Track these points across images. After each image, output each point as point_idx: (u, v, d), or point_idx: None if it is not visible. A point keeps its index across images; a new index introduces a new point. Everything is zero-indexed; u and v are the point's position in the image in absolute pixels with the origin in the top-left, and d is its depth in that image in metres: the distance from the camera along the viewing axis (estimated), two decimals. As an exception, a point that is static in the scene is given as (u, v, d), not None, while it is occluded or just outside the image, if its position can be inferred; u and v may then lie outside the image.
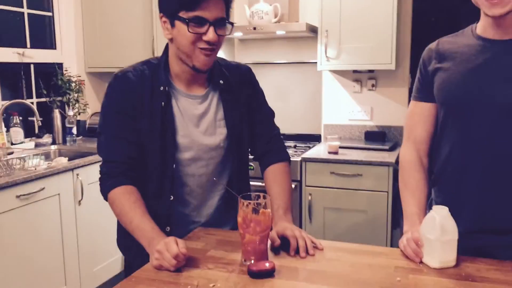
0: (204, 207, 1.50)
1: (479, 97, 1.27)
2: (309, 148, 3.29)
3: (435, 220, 1.14)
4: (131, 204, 1.33)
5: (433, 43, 1.44)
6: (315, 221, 2.98)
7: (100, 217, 2.91)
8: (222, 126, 1.47)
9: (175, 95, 1.42)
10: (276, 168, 1.54)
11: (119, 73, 1.41)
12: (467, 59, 1.31)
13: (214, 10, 1.29)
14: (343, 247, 1.32)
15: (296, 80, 3.58)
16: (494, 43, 1.28)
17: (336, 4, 3.02)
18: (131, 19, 3.51)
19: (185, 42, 1.31)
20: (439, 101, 1.38)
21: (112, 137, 1.39)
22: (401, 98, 3.33)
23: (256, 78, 1.59)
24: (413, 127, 1.47)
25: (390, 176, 2.81)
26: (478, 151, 1.29)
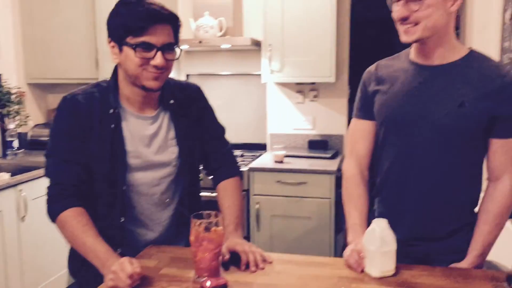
0: (156, 225, 1.52)
1: (414, 118, 1.38)
2: (255, 157, 3.37)
3: (375, 232, 1.25)
4: (82, 227, 1.33)
5: (372, 66, 1.54)
6: (263, 229, 3.07)
7: (45, 233, 2.84)
8: (173, 145, 1.50)
9: (126, 116, 1.43)
10: (227, 184, 1.60)
11: (68, 96, 1.41)
12: (402, 83, 1.42)
13: (161, 35, 1.32)
14: (291, 259, 1.40)
15: (242, 91, 3.66)
16: (423, 68, 1.40)
17: (279, 20, 3.13)
18: (74, 30, 3.44)
19: (132, 67, 1.33)
20: (378, 121, 1.49)
21: (61, 160, 1.39)
22: (341, 108, 3.50)
23: (205, 96, 1.63)
24: (355, 143, 1.57)
25: (332, 184, 2.94)
26: (414, 166, 1.41)
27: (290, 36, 3.14)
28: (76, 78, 3.48)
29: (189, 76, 3.71)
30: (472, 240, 1.39)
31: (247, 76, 3.62)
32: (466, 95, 1.32)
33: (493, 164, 1.38)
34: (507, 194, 1.36)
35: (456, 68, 1.36)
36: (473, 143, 1.37)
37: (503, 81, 1.31)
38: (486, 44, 2.77)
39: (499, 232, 1.39)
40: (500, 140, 1.35)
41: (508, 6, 2.45)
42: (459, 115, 1.32)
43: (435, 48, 1.36)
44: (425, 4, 1.27)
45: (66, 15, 3.45)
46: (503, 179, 1.37)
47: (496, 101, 1.31)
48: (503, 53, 2.52)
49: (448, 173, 1.38)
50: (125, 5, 1.33)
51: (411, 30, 1.31)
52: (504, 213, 1.37)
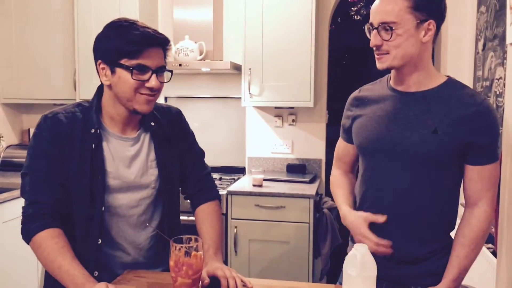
0: (133, 248, 1.49)
1: (389, 143, 1.41)
2: (234, 180, 3.36)
3: (356, 257, 1.25)
4: (59, 249, 1.29)
5: (356, 91, 1.60)
6: (241, 253, 3.04)
7: (16, 257, 2.75)
8: (153, 167, 1.49)
9: (107, 137, 1.43)
10: (206, 208, 1.59)
11: (49, 115, 1.40)
12: (380, 108, 1.46)
13: (156, 58, 1.35)
14: (271, 285, 1.39)
15: (221, 114, 3.67)
16: (401, 94, 1.44)
17: (258, 45, 3.17)
18: (51, 49, 3.42)
19: (126, 89, 1.34)
20: (355, 144, 1.53)
21: (39, 178, 1.36)
22: (319, 133, 3.53)
23: (186, 120, 1.64)
24: (338, 158, 1.70)
25: (311, 208, 2.94)
26: (389, 190, 1.43)
27: (269, 61, 3.18)
28: (53, 98, 3.44)
29: (167, 98, 3.70)
30: (448, 264, 1.40)
31: (226, 100, 3.64)
32: (440, 122, 1.35)
33: (469, 190, 1.40)
34: (483, 220, 1.38)
35: (433, 95, 1.39)
36: (448, 168, 1.39)
37: (477, 110, 1.34)
38: (460, 73, 2.85)
39: (475, 257, 1.40)
40: (475, 167, 1.38)
41: (480, 37, 2.54)
42: (433, 142, 1.35)
43: (411, 76, 1.40)
44: (395, 34, 1.32)
45: (44, 35, 3.42)
46: (479, 205, 1.39)
47: (469, 129, 1.34)
48: (476, 82, 2.60)
49: (423, 198, 1.40)
50: (119, 28, 1.35)
51: (384, 57, 1.37)
52: (480, 238, 1.39)
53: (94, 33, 3.56)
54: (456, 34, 2.97)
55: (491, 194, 1.39)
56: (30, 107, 3.78)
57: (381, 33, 1.34)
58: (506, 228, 1.49)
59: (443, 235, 1.45)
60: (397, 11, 1.31)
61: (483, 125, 1.34)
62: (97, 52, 1.39)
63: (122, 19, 1.39)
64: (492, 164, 1.37)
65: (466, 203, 1.43)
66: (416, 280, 1.42)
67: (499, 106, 2.14)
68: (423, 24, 1.33)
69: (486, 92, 2.38)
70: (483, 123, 1.34)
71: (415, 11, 1.31)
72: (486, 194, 1.38)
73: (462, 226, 1.41)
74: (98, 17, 3.24)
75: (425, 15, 1.32)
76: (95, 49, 1.39)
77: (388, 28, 1.32)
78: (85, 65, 3.29)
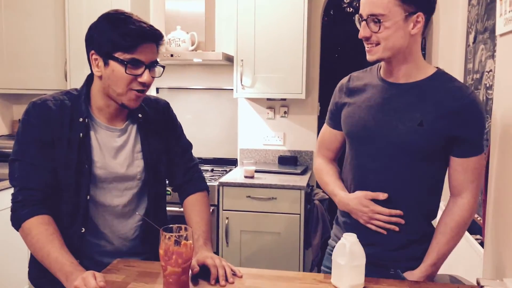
0: (117, 238, 1.50)
1: (375, 132, 1.43)
2: (226, 172, 3.37)
3: (345, 246, 1.26)
4: (48, 236, 1.30)
5: (346, 78, 1.60)
6: (232, 244, 3.05)
7: (5, 247, 2.74)
8: (139, 158, 1.50)
9: (94, 127, 1.43)
10: (194, 198, 1.60)
11: (38, 101, 1.40)
12: (369, 97, 1.47)
13: (150, 53, 1.36)
14: (261, 274, 1.40)
15: (213, 106, 3.67)
16: (390, 85, 1.45)
17: (251, 36, 3.16)
18: (42, 39, 3.39)
19: (119, 83, 1.34)
20: (344, 131, 1.54)
21: (29, 165, 1.36)
22: (310, 124, 3.54)
23: (173, 112, 1.65)
24: (322, 144, 1.68)
25: (302, 199, 2.96)
26: (373, 179, 1.45)
27: (261, 53, 3.17)
28: (44, 89, 3.40)
29: (159, 89, 3.69)
30: (428, 250, 1.43)
31: (218, 91, 3.63)
32: (426, 114, 1.37)
33: (454, 181, 1.42)
34: (465, 210, 1.41)
35: (421, 87, 1.41)
36: (433, 160, 1.41)
37: (464, 103, 1.35)
38: (451, 66, 2.87)
39: (455, 245, 1.43)
40: (460, 159, 1.39)
41: (471, 29, 2.55)
42: (418, 134, 1.37)
43: (400, 67, 1.42)
44: (383, 26, 1.33)
45: (35, 24, 3.39)
46: (463, 195, 1.41)
47: (454, 122, 1.35)
48: (467, 74, 2.62)
49: (406, 187, 1.42)
50: (115, 21, 1.34)
51: (373, 49, 1.38)
52: (460, 227, 1.41)
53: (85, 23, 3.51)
54: (448, 27, 2.98)
55: (475, 185, 1.41)
56: (20, 97, 3.75)
57: (370, 25, 1.34)
58: (493, 219, 1.51)
59: (425, 224, 1.48)
60: (385, 3, 1.31)
61: (469, 119, 1.36)
62: (90, 42, 1.38)
63: (118, 11, 1.39)
64: (477, 156, 1.39)
65: (451, 193, 1.45)
66: (395, 263, 1.45)
67: (489, 98, 2.16)
68: (412, 16, 1.34)
69: (477, 85, 2.39)
70: (469, 117, 1.35)
71: (403, 4, 1.32)
72: (470, 185, 1.40)
73: (445, 215, 1.44)
74: (89, 7, 3.21)
75: (413, 7, 1.33)
76: (88, 38, 1.39)
77: (377, 20, 1.33)
78: (76, 55, 3.26)
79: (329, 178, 1.60)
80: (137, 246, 1.54)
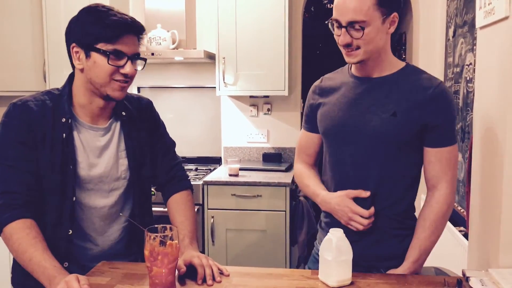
0: (104, 240, 1.48)
1: (351, 127, 1.44)
2: (210, 171, 3.35)
3: (331, 242, 1.26)
4: (30, 240, 1.27)
5: (318, 80, 1.62)
6: (218, 243, 3.04)
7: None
8: (123, 157, 1.48)
9: (77, 127, 1.41)
10: (178, 197, 1.58)
11: (18, 102, 1.37)
12: (342, 95, 1.49)
13: (132, 45, 1.35)
14: (248, 272, 1.39)
15: (195, 104, 3.64)
16: (362, 80, 1.47)
17: (232, 33, 3.15)
18: (20, 40, 3.31)
19: (102, 74, 1.33)
20: (320, 132, 1.55)
21: (9, 167, 1.32)
22: (294, 121, 3.54)
23: (156, 111, 1.63)
24: (301, 150, 1.67)
25: (287, 196, 2.96)
26: (352, 174, 1.45)
27: (243, 50, 3.16)
28: (22, 90, 3.33)
29: (140, 88, 3.65)
30: (410, 247, 1.43)
31: (200, 89, 3.61)
32: (399, 105, 1.39)
33: (429, 173, 1.43)
34: (442, 202, 1.41)
35: (392, 80, 1.43)
36: (408, 151, 1.42)
37: (433, 92, 1.38)
38: (431, 60, 2.90)
39: (437, 239, 1.43)
40: (433, 149, 1.41)
41: (451, 24, 2.58)
42: (392, 124, 1.39)
43: (374, 64, 1.44)
44: (365, 33, 1.33)
45: (12, 25, 3.32)
46: (439, 187, 1.42)
47: (425, 111, 1.38)
48: (448, 68, 2.65)
49: (384, 181, 1.43)
50: (96, 13, 1.34)
51: (353, 53, 1.39)
52: (440, 220, 1.42)
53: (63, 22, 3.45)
54: (428, 22, 3.01)
55: (449, 176, 1.42)
56: (-2, 99, 3.68)
57: (351, 32, 1.34)
58: (478, 210, 1.52)
59: (403, 215, 1.47)
60: (365, 10, 1.31)
61: (439, 107, 1.38)
62: (71, 35, 1.37)
63: (99, 4, 1.38)
64: (449, 146, 1.41)
65: (427, 186, 1.46)
66: (377, 262, 1.45)
67: (469, 91, 2.18)
68: (389, 17, 1.36)
69: (457, 78, 2.42)
70: (439, 105, 1.38)
71: (381, 7, 1.33)
72: (445, 176, 1.41)
73: (423, 209, 1.45)
74: (67, 6, 3.16)
75: (389, 8, 1.35)
76: (68, 32, 1.37)
77: (359, 27, 1.33)
78: (54, 55, 3.21)
79: (310, 181, 1.59)
80: (123, 248, 1.52)
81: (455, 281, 1.25)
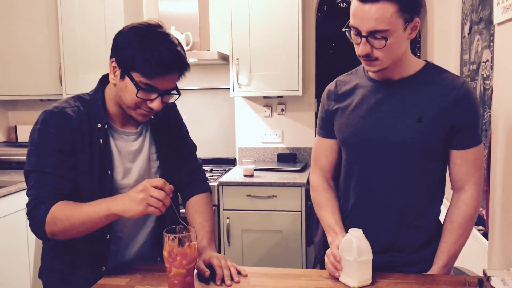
0: (134, 242, 1.49)
1: (374, 135, 1.39)
2: (225, 172, 3.36)
3: (352, 242, 1.25)
4: (72, 205, 1.26)
5: (332, 84, 1.54)
6: (234, 244, 3.04)
7: (6, 256, 2.72)
8: (154, 159, 1.49)
9: (111, 132, 1.41)
10: (198, 199, 1.58)
11: (55, 109, 1.34)
12: (361, 99, 1.43)
13: (169, 82, 1.30)
14: (266, 272, 1.39)
15: (210, 106, 3.65)
16: (381, 84, 1.41)
17: (246, 34, 3.15)
18: (36, 44, 3.36)
19: (129, 100, 1.31)
20: (339, 141, 1.50)
21: (48, 174, 1.30)
22: (308, 121, 3.53)
23: (180, 114, 1.63)
24: (318, 158, 1.59)
25: (302, 196, 2.95)
26: (378, 183, 1.41)
27: (257, 50, 3.16)
28: (39, 94, 3.40)
29: (155, 91, 3.66)
30: (438, 251, 1.40)
31: (214, 91, 3.62)
32: (424, 109, 1.35)
33: (455, 175, 1.40)
34: (469, 204, 1.38)
35: (413, 81, 1.38)
36: (434, 156, 1.39)
37: (458, 93, 1.33)
38: (447, 57, 2.87)
39: (464, 242, 1.40)
40: (459, 151, 1.37)
41: (466, 20, 2.55)
42: (418, 130, 1.34)
43: (394, 68, 1.37)
44: (388, 44, 1.26)
45: (28, 29, 3.37)
46: (465, 189, 1.39)
47: (452, 113, 1.33)
48: (463, 66, 2.62)
49: (411, 187, 1.40)
50: (144, 38, 1.27)
51: (374, 63, 1.32)
52: (468, 223, 1.39)
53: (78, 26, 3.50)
54: (443, 19, 2.98)
55: (476, 177, 1.39)
56: (16, 103, 3.72)
57: (372, 42, 1.27)
58: (498, 209, 1.50)
59: (432, 223, 1.45)
60: (388, 18, 1.23)
61: (465, 109, 1.34)
62: (114, 49, 1.32)
63: (152, 25, 1.31)
64: (475, 147, 1.37)
65: (453, 188, 1.43)
66: (406, 267, 1.43)
67: (486, 88, 2.15)
68: (410, 23, 1.28)
69: (473, 76, 2.39)
70: (464, 107, 1.34)
71: (403, 13, 1.24)
72: (472, 178, 1.38)
73: (450, 212, 1.41)
74: (82, 10, 3.19)
75: (411, 14, 1.27)
76: (114, 44, 1.33)
77: (381, 37, 1.25)
78: (70, 59, 3.23)
79: (325, 215, 1.51)
80: (149, 251, 1.53)
81: (476, 280, 1.24)
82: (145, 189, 1.19)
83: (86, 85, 3.13)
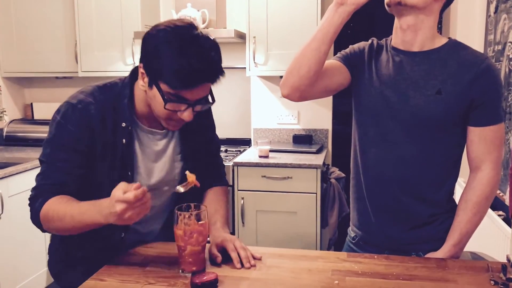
0: (147, 232, 1.48)
1: (393, 103, 1.37)
2: (240, 152, 3.33)
3: None
4: (64, 205, 1.22)
5: (370, 41, 1.50)
6: (248, 225, 3.03)
7: (22, 231, 2.75)
8: (178, 160, 1.45)
9: (137, 131, 1.36)
10: (215, 190, 1.56)
11: (79, 105, 1.27)
12: (383, 67, 1.41)
13: (200, 92, 1.21)
14: (281, 253, 1.36)
15: (225, 85, 3.58)
16: (404, 54, 1.39)
17: (263, 12, 3.09)
18: (52, 22, 3.35)
19: (158, 110, 1.24)
20: (355, 105, 1.47)
21: (57, 167, 1.28)
22: (325, 102, 3.47)
23: (211, 110, 1.56)
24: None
25: (318, 178, 2.92)
26: (393, 151, 1.38)
27: (274, 29, 3.10)
28: (54, 71, 3.40)
29: (171, 70, 3.63)
30: (450, 229, 1.38)
31: (230, 70, 3.57)
32: (444, 82, 1.33)
33: (472, 153, 1.37)
34: (486, 183, 1.35)
35: (435, 55, 1.36)
36: (451, 131, 1.36)
37: (479, 69, 1.31)
38: (470, 37, 2.77)
39: (479, 222, 1.37)
40: (476, 128, 1.34)
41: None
42: (437, 102, 1.32)
43: (416, 33, 1.36)
44: None
45: (44, 7, 3.36)
46: (482, 168, 1.36)
47: (472, 87, 1.31)
48: (488, 46, 2.53)
49: (427, 159, 1.37)
50: (175, 44, 1.15)
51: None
52: (483, 202, 1.36)
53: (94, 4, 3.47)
54: (467, -3, 2.87)
55: (494, 156, 1.35)
56: (32, 80, 3.73)
57: None
58: (522, 193, 1.45)
59: (444, 198, 1.42)
60: None
61: (485, 84, 1.31)
62: (144, 52, 1.23)
63: (185, 27, 1.20)
64: (494, 125, 1.34)
65: (470, 167, 1.39)
66: (416, 246, 1.41)
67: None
68: None
69: (498, 56, 2.31)
70: (485, 82, 1.31)
71: None
72: (489, 157, 1.35)
73: (465, 191, 1.38)
74: (97, -13, 3.16)
75: None
76: (142, 48, 1.23)
77: None
78: (85, 37, 3.21)
79: None
80: (160, 237, 1.52)
81: (500, 266, 1.20)
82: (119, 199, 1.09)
83: (101, 62, 3.14)
